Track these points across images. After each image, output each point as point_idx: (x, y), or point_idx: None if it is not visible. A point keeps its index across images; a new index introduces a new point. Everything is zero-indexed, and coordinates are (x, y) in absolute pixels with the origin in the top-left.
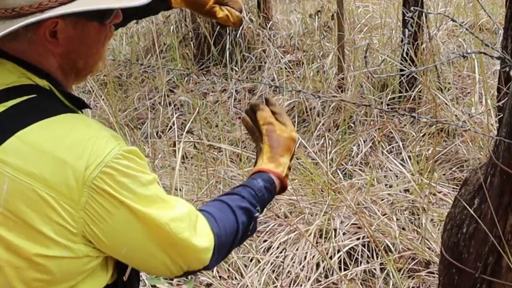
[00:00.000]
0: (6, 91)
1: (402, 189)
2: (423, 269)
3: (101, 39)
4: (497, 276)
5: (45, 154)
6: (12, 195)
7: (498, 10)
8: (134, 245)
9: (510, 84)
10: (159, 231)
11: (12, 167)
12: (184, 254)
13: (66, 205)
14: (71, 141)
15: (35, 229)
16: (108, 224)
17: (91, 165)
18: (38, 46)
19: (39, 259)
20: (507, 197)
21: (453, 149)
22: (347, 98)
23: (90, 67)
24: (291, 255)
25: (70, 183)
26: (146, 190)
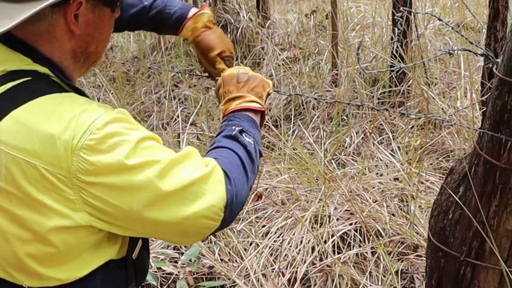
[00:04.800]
0: (5, 77)
1: (392, 177)
2: (411, 252)
3: (110, 27)
4: (480, 259)
5: (35, 131)
6: (10, 171)
7: (482, 10)
8: (130, 204)
9: (493, 79)
10: (145, 191)
11: (8, 144)
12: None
13: (60, 175)
14: (57, 115)
15: (36, 200)
16: (103, 187)
17: (77, 134)
18: (57, 28)
19: (43, 230)
20: (490, 186)
21: (440, 140)
22: (341, 92)
23: (98, 53)
24: (288, 239)
25: (59, 154)
26: (136, 149)
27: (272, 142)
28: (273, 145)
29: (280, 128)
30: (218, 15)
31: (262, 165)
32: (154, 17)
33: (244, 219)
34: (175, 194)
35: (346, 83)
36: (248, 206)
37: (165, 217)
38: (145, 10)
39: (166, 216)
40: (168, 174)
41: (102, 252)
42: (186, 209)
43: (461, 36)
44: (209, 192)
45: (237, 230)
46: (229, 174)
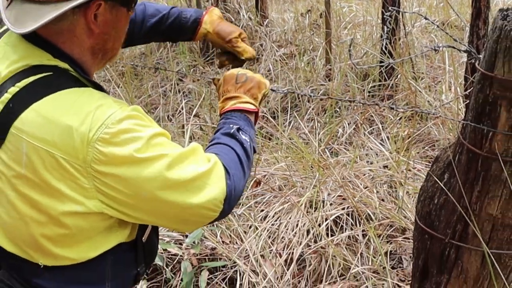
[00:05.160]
0: (29, 70)
1: (382, 165)
2: (399, 235)
3: (126, 25)
4: (464, 241)
5: (55, 122)
6: (31, 159)
7: (466, 9)
8: (139, 195)
9: (475, 74)
10: (153, 181)
11: (29, 135)
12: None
13: (76, 164)
14: (76, 108)
15: (53, 187)
16: (115, 177)
17: (93, 128)
18: (77, 27)
19: (57, 214)
20: (473, 173)
21: (426, 130)
22: (334, 86)
23: (115, 49)
24: (284, 223)
25: (76, 145)
26: (148, 145)
27: (270, 132)
28: (271, 135)
29: (278, 119)
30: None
31: (260, 154)
32: (172, 23)
33: (243, 204)
34: (180, 186)
35: (339, 77)
36: (247, 192)
37: (169, 206)
38: (164, 18)
39: (170, 205)
40: (175, 167)
41: (114, 236)
42: (189, 200)
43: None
44: (211, 186)
45: (237, 214)
46: (229, 170)
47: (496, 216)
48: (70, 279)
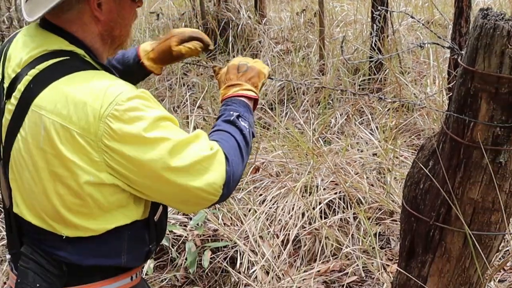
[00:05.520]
0: (48, 55)
1: (371, 153)
2: (388, 217)
3: (131, 14)
4: (447, 223)
5: (70, 98)
6: (48, 133)
7: (449, 9)
8: (141, 170)
9: (458, 68)
10: (156, 163)
11: (47, 110)
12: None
13: (88, 138)
14: (91, 86)
15: (68, 159)
16: (122, 153)
17: (104, 104)
18: (84, 16)
19: (74, 185)
20: (456, 160)
21: (412, 121)
22: (327, 80)
23: (122, 36)
24: (281, 206)
25: (89, 119)
26: (154, 125)
27: (268, 123)
28: (269, 125)
29: (275, 111)
30: (222, 14)
31: (259, 142)
32: (125, 70)
33: (243, 188)
34: (182, 169)
35: (331, 71)
36: (247, 177)
37: (170, 186)
38: (118, 67)
39: (171, 186)
40: (178, 151)
41: (129, 212)
42: (190, 182)
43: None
44: (211, 171)
45: (238, 198)
46: (229, 157)
47: (477, 200)
48: (90, 252)
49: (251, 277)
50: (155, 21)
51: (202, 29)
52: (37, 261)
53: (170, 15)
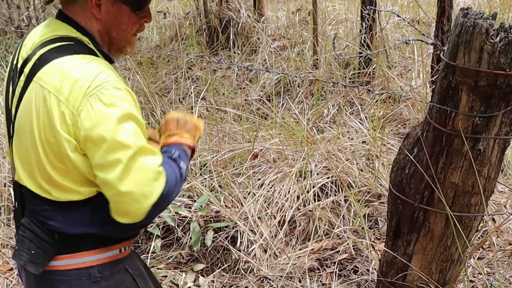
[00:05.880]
0: (56, 39)
1: (360, 141)
2: (376, 200)
3: (130, 23)
4: (431, 205)
5: (66, 73)
6: (44, 102)
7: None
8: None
9: (440, 63)
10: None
11: (45, 82)
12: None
13: (70, 110)
14: (86, 68)
15: (54, 126)
16: (89, 134)
17: (92, 85)
18: (86, 11)
19: (58, 151)
20: (438, 147)
21: (398, 111)
22: (320, 73)
23: (120, 41)
24: (278, 190)
25: (77, 95)
26: (125, 116)
27: (266, 113)
28: (266, 115)
29: (272, 102)
30: (223, 13)
31: (257, 131)
32: None
33: (243, 173)
34: (129, 170)
35: (324, 66)
36: (246, 164)
37: (109, 179)
38: None
39: (109, 178)
40: (139, 155)
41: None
42: (126, 183)
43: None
44: (151, 188)
45: (238, 182)
46: (167, 184)
47: (457, 184)
48: (77, 221)
49: (250, 254)
50: (162, 20)
51: (206, 27)
52: (33, 230)
53: (176, 14)
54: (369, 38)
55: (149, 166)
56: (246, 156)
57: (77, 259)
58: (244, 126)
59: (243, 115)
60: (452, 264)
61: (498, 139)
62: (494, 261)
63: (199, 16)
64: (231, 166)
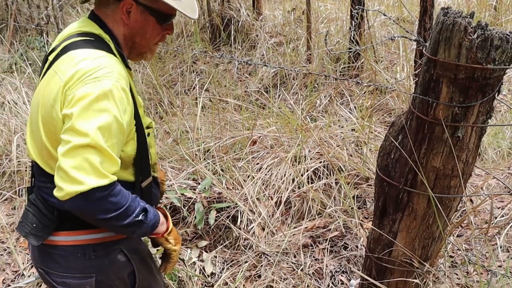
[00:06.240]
0: (80, 34)
1: (350, 129)
2: (364, 183)
3: (154, 33)
4: (414, 187)
5: (75, 63)
6: (50, 84)
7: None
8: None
9: (423, 58)
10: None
11: (57, 68)
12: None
13: (65, 90)
14: (93, 60)
15: (52, 105)
16: (68, 102)
17: (91, 75)
18: (116, 15)
19: (52, 126)
20: (421, 134)
21: (384, 102)
22: (313, 67)
23: (142, 47)
24: (275, 173)
25: (75, 79)
26: (97, 108)
27: (264, 103)
28: (264, 105)
29: (269, 93)
30: (225, 12)
31: (256, 119)
32: None
33: (243, 158)
34: (75, 153)
35: (317, 60)
36: (246, 149)
37: (58, 152)
38: None
39: (58, 151)
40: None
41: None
42: (66, 159)
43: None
44: (84, 179)
45: (238, 166)
46: (108, 191)
47: (438, 168)
48: None
49: (250, 232)
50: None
51: (209, 25)
52: (37, 205)
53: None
54: (358, 35)
55: (94, 162)
56: (245, 143)
57: (74, 237)
58: (244, 115)
59: (243, 105)
60: (433, 241)
61: (476, 127)
62: (471, 238)
63: (203, 15)
64: (232, 151)
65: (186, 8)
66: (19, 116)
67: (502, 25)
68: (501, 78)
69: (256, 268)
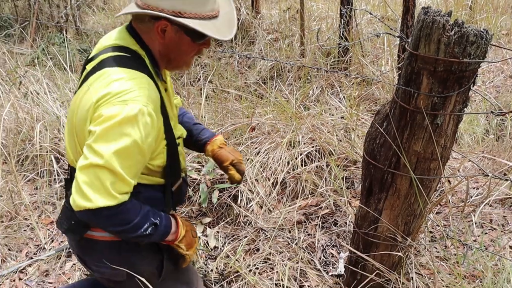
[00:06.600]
0: (117, 47)
1: (339, 116)
2: (352, 165)
3: (189, 50)
4: (397, 169)
5: (108, 83)
6: (84, 101)
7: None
8: None
9: (405, 52)
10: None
11: (91, 83)
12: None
13: (95, 108)
14: (124, 83)
15: (84, 120)
16: (94, 119)
17: (120, 97)
18: (152, 33)
19: (82, 138)
20: (403, 122)
21: (371, 92)
22: (306, 61)
23: (177, 62)
24: (272, 156)
25: (105, 98)
26: (117, 132)
27: (261, 93)
28: (262, 95)
29: (267, 84)
30: None
31: (255, 108)
32: (192, 140)
33: (243, 143)
34: (90, 171)
35: (309, 55)
36: (246, 135)
37: (78, 163)
38: (189, 131)
39: (78, 162)
40: (118, 160)
41: (144, 177)
42: (80, 171)
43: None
44: (94, 197)
45: (239, 150)
46: (117, 210)
47: (419, 152)
48: None
49: (249, 210)
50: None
51: None
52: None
53: None
54: (347, 31)
55: (105, 182)
56: (245, 129)
57: (109, 233)
58: (243, 104)
59: (243, 95)
60: (415, 218)
61: (453, 115)
62: (449, 216)
63: None
64: (233, 137)
65: (221, 27)
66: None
67: (477, 23)
68: (476, 71)
69: (254, 242)
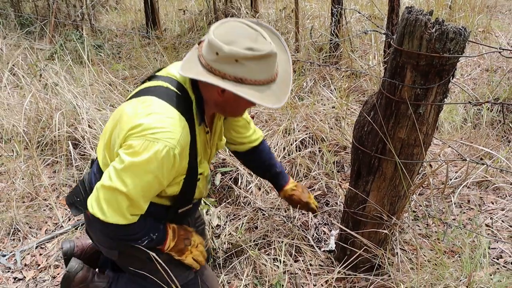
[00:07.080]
0: (173, 81)
1: (331, 106)
2: (342, 151)
3: (245, 107)
4: (383, 154)
5: (148, 113)
6: (123, 121)
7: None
8: None
9: (391, 48)
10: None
11: (136, 105)
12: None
13: (127, 135)
14: (160, 119)
15: (116, 140)
16: (123, 146)
17: (152, 133)
18: (210, 89)
19: (114, 149)
20: (389, 111)
21: (359, 84)
22: (301, 56)
23: (231, 113)
24: (269, 142)
25: (137, 130)
26: (143, 170)
27: None
28: None
29: None
30: (228, 10)
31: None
32: (272, 177)
33: None
34: (110, 190)
35: (303, 50)
36: None
37: (103, 176)
38: (273, 169)
39: (103, 176)
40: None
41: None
42: (99, 191)
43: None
44: (108, 213)
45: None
46: (122, 229)
47: (404, 139)
48: None
49: (248, 191)
50: (182, 15)
51: (215, 20)
52: (85, 184)
53: (193, 11)
54: (337, 29)
55: (122, 205)
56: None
57: None
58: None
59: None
60: (399, 199)
61: (434, 105)
62: (431, 197)
63: (210, 12)
64: None
65: (277, 90)
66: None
67: (456, 21)
68: (455, 65)
69: (253, 221)
